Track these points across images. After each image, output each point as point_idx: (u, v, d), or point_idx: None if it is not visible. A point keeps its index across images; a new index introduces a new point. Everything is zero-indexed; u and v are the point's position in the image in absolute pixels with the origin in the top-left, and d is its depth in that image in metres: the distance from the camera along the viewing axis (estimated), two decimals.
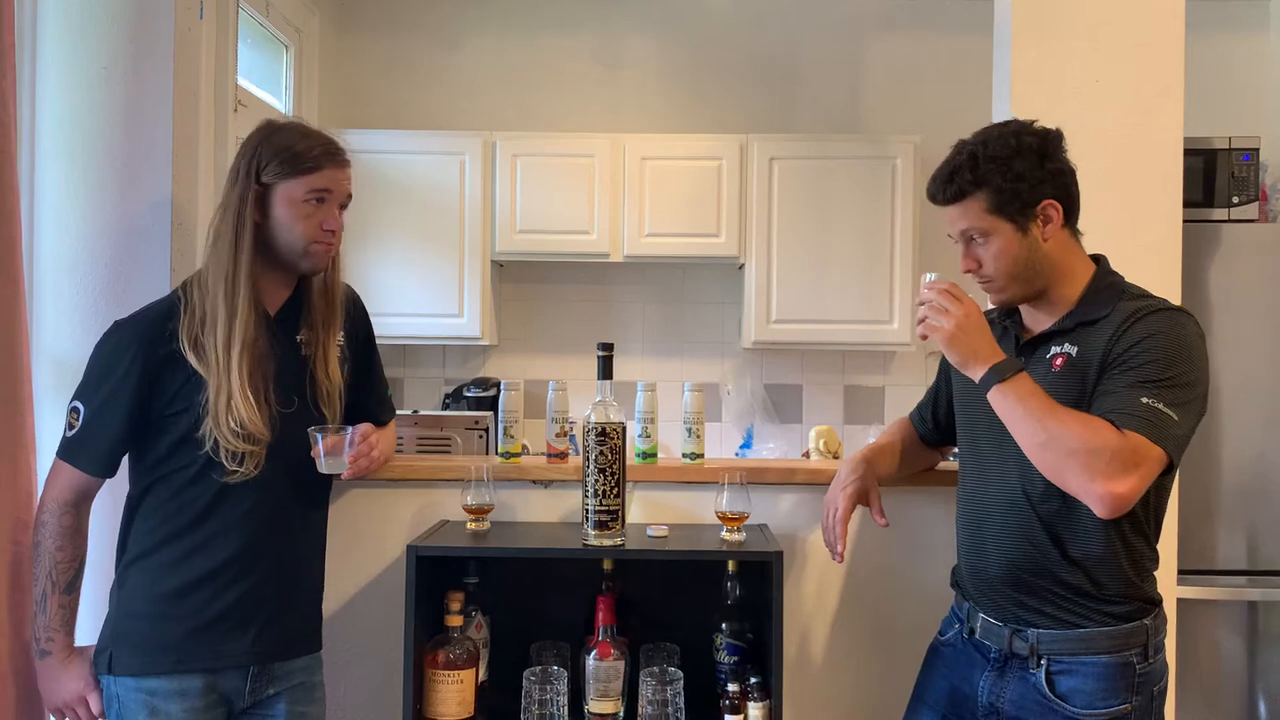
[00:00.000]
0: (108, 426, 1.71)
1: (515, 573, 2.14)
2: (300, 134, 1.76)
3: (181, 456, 1.72)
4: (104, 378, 1.72)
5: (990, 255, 1.65)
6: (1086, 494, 1.52)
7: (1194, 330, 1.61)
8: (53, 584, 1.71)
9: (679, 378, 4.12)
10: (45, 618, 1.72)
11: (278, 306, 1.81)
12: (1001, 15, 2.42)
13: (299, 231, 1.73)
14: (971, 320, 1.61)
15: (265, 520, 1.77)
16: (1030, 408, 1.55)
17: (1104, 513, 1.53)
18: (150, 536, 1.74)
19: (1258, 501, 2.75)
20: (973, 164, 1.63)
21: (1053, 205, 1.64)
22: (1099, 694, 1.61)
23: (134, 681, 1.70)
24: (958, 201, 1.65)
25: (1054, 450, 1.53)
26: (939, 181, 1.68)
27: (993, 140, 1.65)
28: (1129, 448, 1.50)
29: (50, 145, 2.11)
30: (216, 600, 1.72)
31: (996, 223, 1.63)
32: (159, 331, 1.72)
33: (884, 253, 3.90)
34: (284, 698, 1.80)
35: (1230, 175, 2.88)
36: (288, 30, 3.90)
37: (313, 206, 1.74)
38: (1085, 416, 1.54)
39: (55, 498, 1.73)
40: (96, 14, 2.11)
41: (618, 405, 1.93)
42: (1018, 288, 1.68)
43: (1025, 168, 1.62)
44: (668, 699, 1.88)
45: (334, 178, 1.76)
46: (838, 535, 1.85)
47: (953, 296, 1.62)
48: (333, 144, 1.78)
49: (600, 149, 3.93)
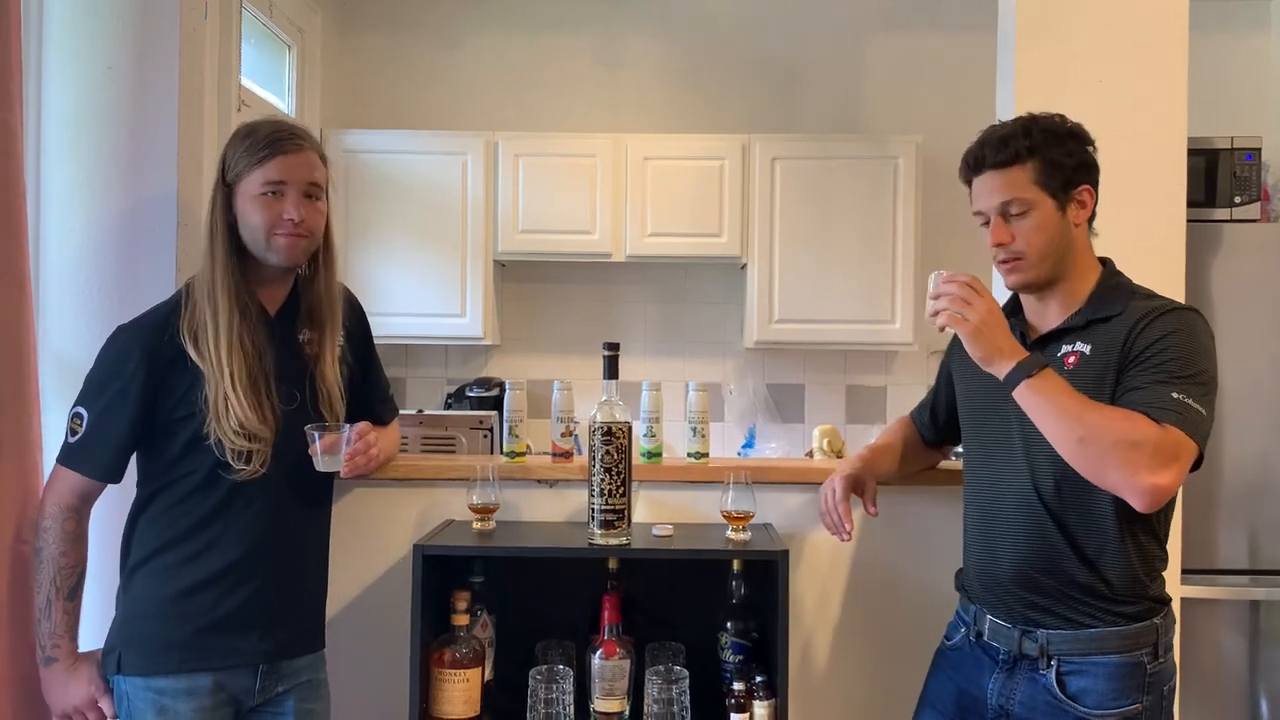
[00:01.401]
0: (113, 431, 1.71)
1: (521, 572, 2.14)
2: (256, 127, 1.75)
3: (192, 460, 1.72)
4: (108, 383, 1.72)
5: (1027, 229, 1.64)
6: (1130, 487, 1.52)
7: (1206, 329, 1.63)
8: (56, 590, 1.71)
9: (681, 377, 4.13)
10: (50, 624, 1.71)
11: (277, 306, 1.81)
12: (1005, 15, 2.42)
13: (256, 224, 1.72)
14: (995, 315, 1.60)
15: (272, 520, 1.77)
16: (1063, 404, 1.54)
17: (1145, 505, 1.53)
18: (158, 539, 1.74)
19: (1260, 501, 2.76)
20: (1028, 133, 1.64)
21: (1088, 191, 1.67)
22: (1110, 694, 1.61)
23: (143, 681, 1.70)
24: (1009, 166, 1.64)
25: (1094, 445, 1.52)
26: (990, 146, 1.66)
27: (1044, 118, 1.67)
28: (1170, 441, 1.51)
29: (55, 145, 2.11)
30: (225, 600, 1.73)
31: (1040, 195, 1.64)
32: (162, 334, 1.72)
33: (886, 252, 3.91)
34: (292, 695, 1.80)
35: (1232, 175, 2.89)
36: (290, 30, 3.90)
37: (269, 199, 1.72)
38: (1122, 410, 1.54)
39: (56, 503, 1.72)
40: (101, 14, 2.11)
41: (623, 405, 1.93)
42: (1044, 268, 1.67)
43: (1075, 148, 1.66)
44: (673, 698, 1.89)
45: (286, 166, 1.72)
46: (841, 514, 1.85)
47: (975, 290, 1.61)
48: (282, 131, 1.74)
49: (602, 149, 3.93)
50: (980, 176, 1.69)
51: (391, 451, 2.04)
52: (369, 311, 2.03)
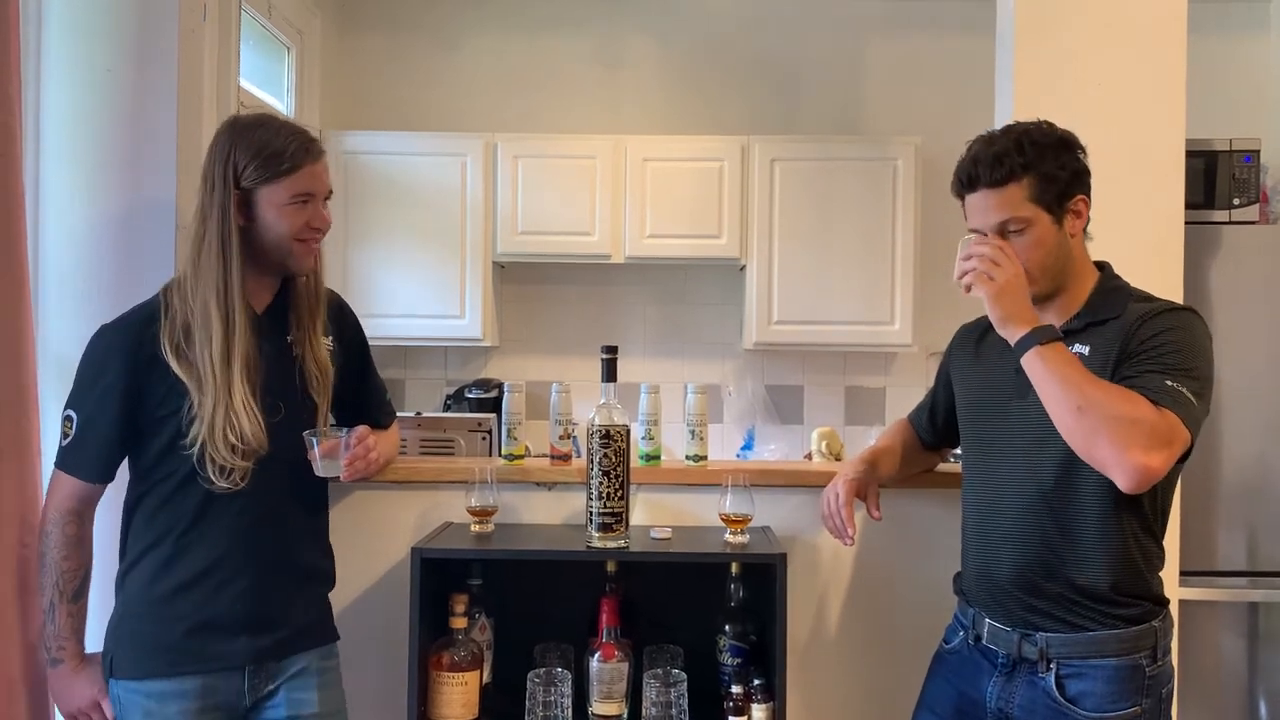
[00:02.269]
0: (100, 432, 1.71)
1: (519, 575, 2.14)
2: (272, 131, 1.71)
3: (169, 463, 1.71)
4: (93, 383, 1.71)
5: (1026, 246, 1.64)
6: (1117, 463, 1.51)
7: (1205, 330, 1.64)
8: (60, 593, 1.72)
9: (680, 379, 4.12)
10: (55, 626, 1.72)
11: (264, 306, 1.79)
12: (1004, 17, 2.42)
13: (284, 231, 1.71)
14: (1020, 280, 1.60)
15: (255, 523, 1.75)
16: (1068, 373, 1.55)
17: (1130, 485, 1.52)
18: (143, 541, 1.74)
19: (1258, 502, 2.76)
20: (1020, 149, 1.63)
21: (1083, 200, 1.67)
22: (1109, 697, 1.61)
23: (133, 684, 1.70)
24: (1004, 185, 1.63)
25: (1090, 416, 1.51)
26: (984, 164, 1.64)
27: (1034, 130, 1.66)
28: (1165, 423, 1.51)
29: (54, 147, 2.11)
30: (208, 604, 1.72)
31: (1036, 211, 1.64)
32: (140, 336, 1.71)
33: (885, 254, 3.90)
34: (283, 688, 1.79)
35: (1231, 177, 2.89)
36: (289, 31, 3.90)
37: (298, 207, 1.72)
38: (1123, 389, 1.55)
39: (56, 507, 1.72)
40: (100, 16, 2.12)
41: (622, 408, 1.93)
42: (1045, 282, 1.67)
43: (1067, 159, 1.65)
44: (671, 701, 1.89)
45: (314, 174, 1.73)
46: (844, 518, 1.84)
47: (1006, 255, 1.61)
48: (305, 137, 1.74)
49: (601, 150, 3.93)
50: (974, 194, 1.67)
51: (391, 454, 2.04)
52: (369, 313, 2.03)
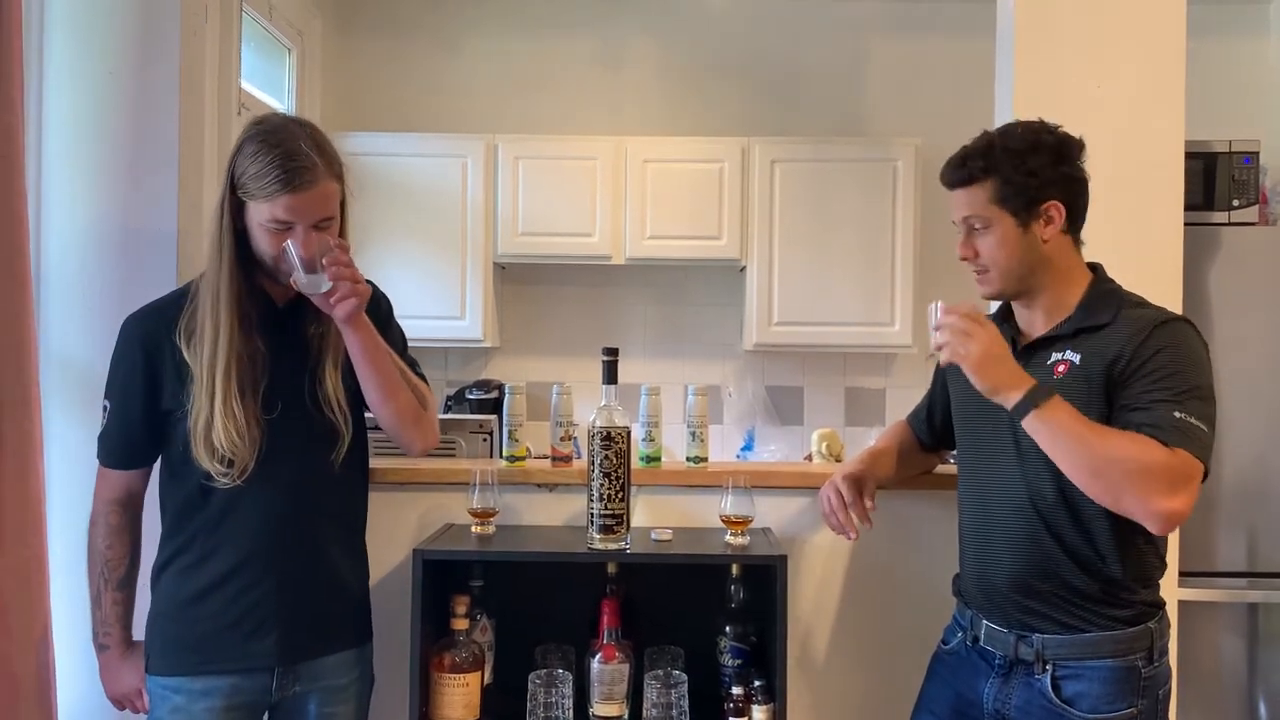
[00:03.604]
0: (128, 419, 1.74)
1: (520, 576, 2.15)
2: (267, 152, 1.63)
3: (190, 463, 1.71)
4: (117, 372, 1.75)
5: (989, 245, 1.68)
6: (1144, 513, 1.53)
7: (1200, 340, 1.63)
8: (105, 581, 1.76)
9: (680, 380, 4.13)
10: (101, 613, 1.77)
11: (287, 298, 1.76)
12: (1004, 18, 2.42)
13: (264, 250, 1.68)
14: (997, 346, 1.60)
15: (280, 523, 1.75)
16: (1075, 433, 1.55)
17: (1162, 530, 1.57)
18: (174, 541, 1.76)
19: (1258, 503, 2.76)
20: (986, 152, 1.66)
21: (1055, 207, 1.65)
22: (1105, 698, 1.62)
23: (162, 680, 1.73)
24: (965, 186, 1.68)
25: (1106, 476, 1.53)
26: (951, 165, 1.71)
27: (1013, 133, 1.68)
28: (1180, 465, 1.51)
29: (56, 148, 2.12)
30: (235, 603, 1.72)
31: (999, 213, 1.66)
32: (158, 322, 1.73)
33: (885, 255, 3.91)
34: (314, 697, 1.78)
35: (1230, 178, 2.89)
36: (290, 33, 3.90)
37: (275, 232, 1.65)
38: (1131, 435, 1.54)
39: (102, 497, 1.77)
40: (102, 18, 2.12)
41: (622, 409, 1.94)
42: (1009, 283, 1.70)
43: (1038, 165, 1.64)
44: (672, 702, 1.89)
45: (292, 207, 1.62)
46: (857, 513, 1.85)
47: (975, 321, 1.61)
48: (291, 169, 1.61)
49: (602, 151, 3.94)
50: (950, 191, 1.73)
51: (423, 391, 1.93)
52: None
